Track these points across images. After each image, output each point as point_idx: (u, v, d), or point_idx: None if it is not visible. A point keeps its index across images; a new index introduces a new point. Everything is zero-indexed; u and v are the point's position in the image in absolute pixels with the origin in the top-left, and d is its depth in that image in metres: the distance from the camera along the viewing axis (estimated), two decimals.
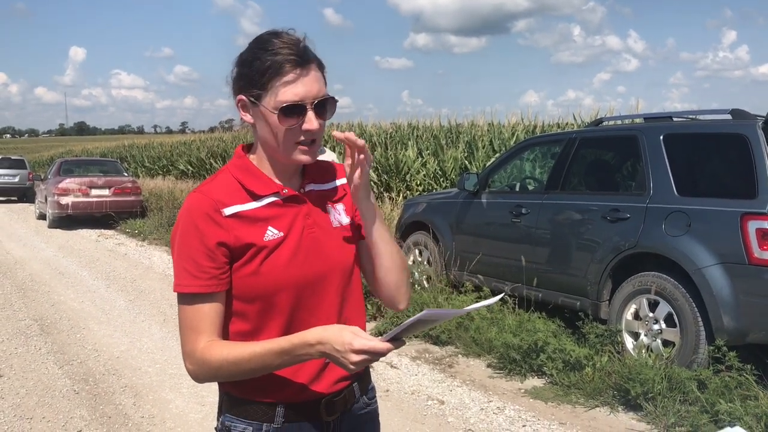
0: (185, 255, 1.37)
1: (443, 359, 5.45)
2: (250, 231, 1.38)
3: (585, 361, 4.68)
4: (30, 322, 6.68)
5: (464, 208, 6.77)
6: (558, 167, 6.05)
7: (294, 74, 1.35)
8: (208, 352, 1.34)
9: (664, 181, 4.92)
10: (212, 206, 1.37)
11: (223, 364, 1.34)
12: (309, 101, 1.36)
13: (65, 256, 11.05)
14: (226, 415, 1.47)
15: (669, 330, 4.72)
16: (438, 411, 4.37)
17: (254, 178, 1.43)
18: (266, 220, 1.40)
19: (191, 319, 1.37)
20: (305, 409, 1.44)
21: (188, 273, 1.36)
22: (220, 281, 1.37)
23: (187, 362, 1.39)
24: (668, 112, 5.75)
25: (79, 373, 5.15)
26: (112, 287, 8.50)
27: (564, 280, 5.60)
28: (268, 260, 1.38)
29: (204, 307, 1.36)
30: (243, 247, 1.37)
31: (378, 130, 17.69)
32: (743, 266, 4.30)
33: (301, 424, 1.45)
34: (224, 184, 1.42)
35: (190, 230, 1.37)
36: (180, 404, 4.47)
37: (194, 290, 1.36)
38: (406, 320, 1.26)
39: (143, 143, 33.89)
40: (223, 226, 1.36)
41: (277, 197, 1.43)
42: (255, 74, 1.37)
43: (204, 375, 1.37)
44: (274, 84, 1.35)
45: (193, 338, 1.36)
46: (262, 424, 1.43)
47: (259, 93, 1.37)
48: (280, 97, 1.35)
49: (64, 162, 17.45)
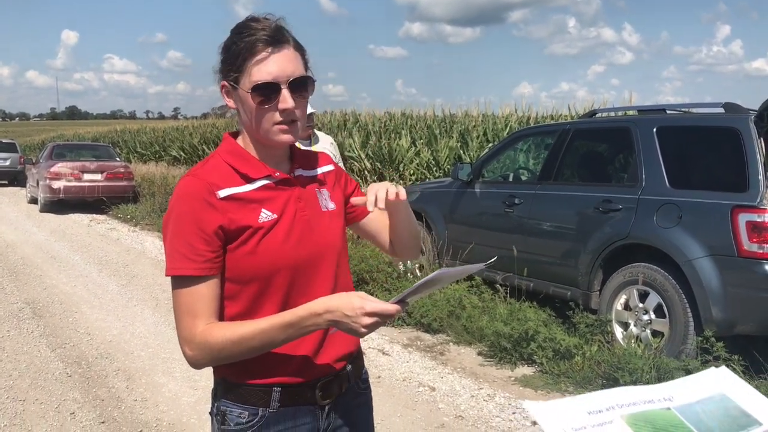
0: (180, 238, 1.35)
1: (435, 347, 5.49)
2: (245, 213, 1.39)
3: (575, 350, 4.73)
4: (22, 305, 6.68)
5: (457, 198, 6.79)
6: (551, 158, 6.08)
7: (266, 53, 1.36)
8: (209, 334, 1.33)
9: (657, 173, 4.95)
10: (207, 189, 1.37)
11: (225, 345, 1.32)
12: (283, 80, 1.37)
13: (57, 240, 11.02)
14: (222, 400, 1.46)
15: (658, 320, 4.77)
16: (429, 398, 4.41)
17: (246, 162, 1.44)
18: (260, 202, 1.41)
19: (188, 303, 1.36)
20: (301, 391, 1.45)
21: (183, 256, 1.35)
22: (214, 264, 1.36)
23: (185, 348, 1.36)
24: (662, 104, 5.78)
25: (71, 356, 5.16)
26: (105, 272, 8.49)
27: (555, 270, 5.64)
28: (263, 241, 1.39)
29: (200, 289, 1.35)
30: (238, 230, 1.37)
31: (372, 118, 17.67)
32: (733, 258, 4.35)
33: (297, 408, 1.45)
34: (217, 168, 1.43)
35: (185, 213, 1.36)
36: (173, 387, 4.49)
37: (189, 273, 1.35)
38: (416, 282, 1.28)
39: (135, 128, 33.70)
40: (219, 208, 1.36)
41: (269, 180, 1.44)
42: (232, 58, 1.39)
43: (205, 358, 1.35)
44: (248, 64, 1.37)
45: (191, 322, 1.35)
46: (258, 408, 1.42)
47: (236, 76, 1.39)
48: (254, 77, 1.36)
49: (57, 146, 17.35)
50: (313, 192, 1.52)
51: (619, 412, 0.90)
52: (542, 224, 5.80)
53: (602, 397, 0.92)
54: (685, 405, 0.92)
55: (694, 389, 0.95)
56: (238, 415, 1.43)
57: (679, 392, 0.94)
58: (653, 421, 0.91)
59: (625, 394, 0.94)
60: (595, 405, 0.91)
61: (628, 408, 0.91)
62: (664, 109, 5.66)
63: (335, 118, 18.90)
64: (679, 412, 0.91)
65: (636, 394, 0.94)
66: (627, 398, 0.92)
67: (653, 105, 5.96)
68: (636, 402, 0.92)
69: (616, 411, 0.90)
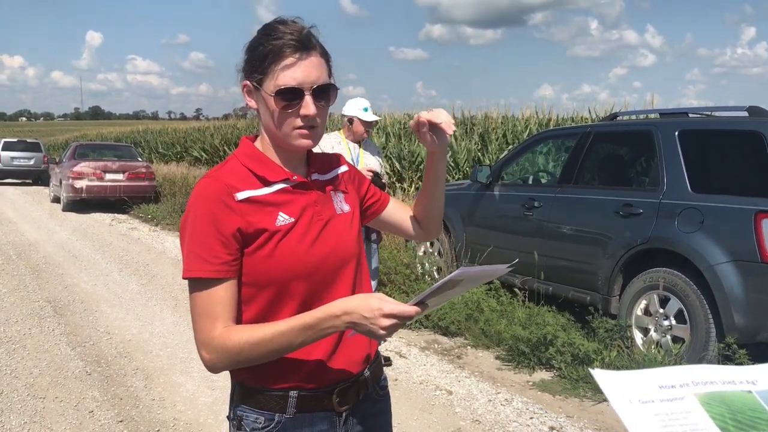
0: (197, 240, 1.35)
1: (452, 350, 5.47)
2: (262, 216, 1.38)
3: (594, 355, 4.68)
4: (43, 304, 6.76)
5: (476, 200, 6.77)
6: (572, 161, 6.03)
7: (293, 58, 1.36)
8: (227, 337, 1.32)
9: (678, 177, 4.89)
10: (225, 191, 1.36)
11: (243, 348, 1.31)
12: (307, 86, 1.37)
13: (79, 240, 11.14)
14: (239, 405, 1.45)
15: (679, 326, 4.71)
16: (446, 401, 4.39)
17: (263, 165, 1.44)
18: (277, 205, 1.40)
19: (205, 305, 1.34)
20: (318, 397, 1.43)
21: (200, 258, 1.34)
22: (231, 267, 1.35)
23: (203, 351, 1.34)
24: (684, 108, 5.71)
25: (91, 354, 5.21)
26: (125, 271, 8.57)
27: (575, 274, 5.60)
28: (281, 244, 1.38)
29: (218, 291, 1.34)
30: (255, 233, 1.37)
31: (392, 120, 17.67)
32: (756, 264, 4.28)
33: (314, 414, 1.43)
34: (235, 170, 1.42)
35: (203, 215, 1.35)
36: (190, 387, 4.52)
37: (206, 275, 1.33)
38: (434, 284, 1.25)
39: (158, 129, 33.99)
40: (237, 211, 1.36)
41: (287, 184, 1.44)
42: (258, 59, 1.38)
43: (222, 362, 1.33)
44: (274, 68, 1.36)
45: (209, 325, 1.33)
46: (275, 414, 1.41)
47: (260, 78, 1.38)
48: (279, 81, 1.36)
49: (79, 146, 17.55)
50: (329, 195, 1.51)
51: (694, 390, 0.85)
52: (562, 228, 5.75)
53: (678, 373, 0.88)
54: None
55: None
56: (254, 420, 1.42)
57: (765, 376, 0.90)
58: (730, 402, 0.86)
59: (705, 372, 0.89)
60: (668, 380, 0.86)
61: (704, 386, 0.86)
62: (687, 112, 5.59)
63: None
64: (760, 396, 0.86)
65: (717, 373, 0.89)
66: (706, 376, 0.88)
67: (675, 108, 5.89)
68: (715, 381, 0.87)
69: (691, 388, 0.85)
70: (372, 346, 1.55)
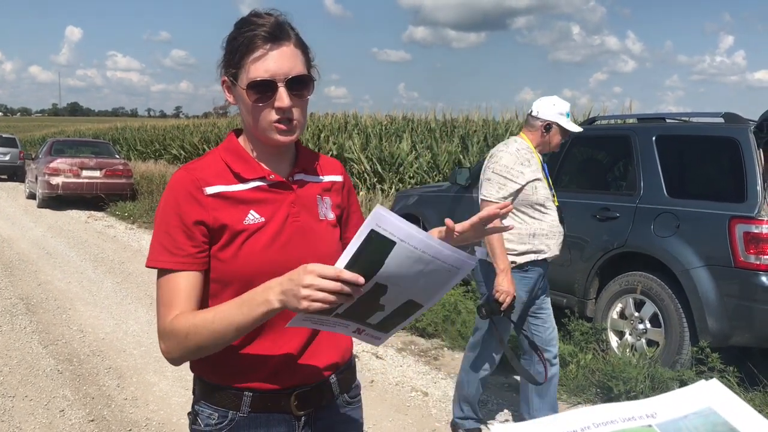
0: (163, 231, 1.35)
1: (428, 351, 5.46)
2: (231, 213, 1.36)
3: (569, 358, 4.70)
4: (16, 301, 6.65)
5: (456, 202, 6.77)
6: (550, 165, 6.04)
7: (263, 50, 1.33)
8: (177, 321, 1.30)
9: (655, 182, 4.93)
10: (194, 184, 1.35)
11: (190, 330, 1.28)
12: (280, 77, 1.33)
13: (54, 237, 10.99)
14: (198, 401, 1.45)
15: (654, 330, 4.75)
16: (421, 402, 4.39)
17: (242, 161, 1.41)
18: (249, 203, 1.38)
19: (166, 295, 1.34)
20: (275, 399, 1.41)
21: (164, 249, 1.34)
22: (196, 260, 1.34)
23: (160, 341, 1.34)
24: (662, 113, 5.76)
25: (63, 353, 5.13)
26: (100, 269, 8.47)
27: (551, 276, 5.58)
28: (246, 244, 1.35)
29: (179, 283, 1.33)
30: (221, 228, 1.35)
31: (373, 121, 17.66)
32: (729, 269, 4.33)
33: (270, 415, 1.41)
34: (211, 164, 1.40)
35: (170, 206, 1.35)
36: (164, 387, 4.47)
37: (168, 266, 1.33)
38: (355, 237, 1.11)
39: (136, 126, 33.70)
40: (203, 204, 1.34)
41: (263, 182, 1.41)
42: (233, 53, 1.36)
43: (175, 349, 1.31)
44: (246, 61, 1.34)
45: (166, 314, 1.33)
46: (228, 411, 1.40)
47: (235, 72, 1.36)
48: (251, 74, 1.33)
49: (56, 142, 17.35)
50: (313, 198, 1.47)
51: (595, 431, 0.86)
52: None
53: (577, 416, 0.88)
54: (669, 421, 0.88)
55: (681, 404, 0.91)
56: (208, 416, 1.41)
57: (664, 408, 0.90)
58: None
59: (604, 412, 0.89)
60: (568, 425, 0.86)
61: (605, 427, 0.86)
62: (664, 117, 5.64)
63: (336, 119, 18.89)
64: (661, 429, 0.87)
65: (616, 411, 0.89)
66: (605, 416, 0.87)
67: (653, 113, 5.94)
68: (615, 420, 0.87)
69: (591, 430, 0.86)
70: (343, 354, 1.51)
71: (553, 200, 3.58)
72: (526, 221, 3.48)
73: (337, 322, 1.25)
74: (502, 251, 3.37)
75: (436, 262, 1.13)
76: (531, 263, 3.50)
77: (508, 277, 3.33)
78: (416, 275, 1.15)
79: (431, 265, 1.14)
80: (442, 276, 1.18)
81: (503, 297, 3.33)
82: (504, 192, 3.43)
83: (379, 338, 1.33)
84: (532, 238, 3.48)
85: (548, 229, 3.51)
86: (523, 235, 3.47)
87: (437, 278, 1.18)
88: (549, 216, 3.52)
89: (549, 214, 3.52)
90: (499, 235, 3.34)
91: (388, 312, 1.24)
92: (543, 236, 3.50)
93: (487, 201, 3.47)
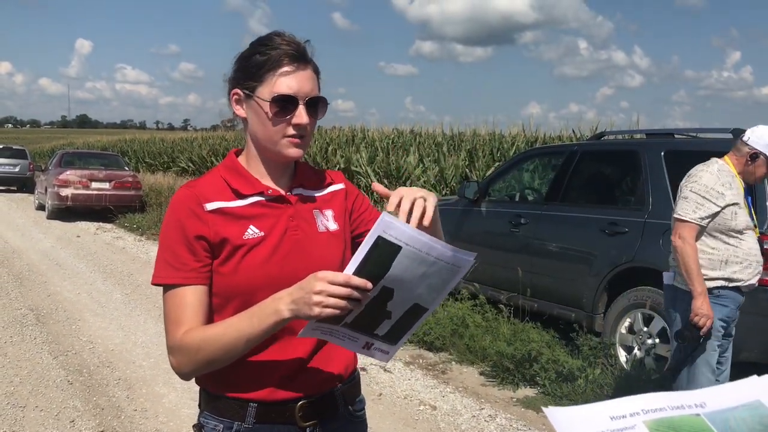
0: (166, 247, 1.39)
1: (437, 365, 5.46)
2: (231, 228, 1.39)
3: (578, 372, 4.70)
4: (26, 312, 6.69)
5: (463, 216, 6.79)
6: (558, 179, 6.08)
7: (291, 68, 1.39)
8: (187, 336, 1.33)
9: (664, 197, 4.94)
10: (195, 200, 1.39)
11: (201, 345, 1.31)
12: (301, 96, 1.40)
13: (63, 248, 11.05)
14: (203, 412, 1.46)
15: (662, 345, 4.74)
16: (430, 416, 4.39)
17: (240, 178, 1.46)
18: (248, 218, 1.41)
19: (173, 311, 1.37)
20: (279, 410, 1.42)
21: (168, 265, 1.37)
22: (200, 274, 1.37)
23: (170, 356, 1.37)
24: (670, 128, 5.78)
25: (73, 364, 5.16)
26: (109, 280, 8.51)
27: (560, 291, 5.63)
28: (246, 258, 1.38)
29: (186, 298, 1.36)
30: (221, 243, 1.38)
31: (380, 135, 17.73)
32: None
33: (274, 426, 1.42)
34: (211, 182, 1.45)
35: (173, 223, 1.39)
36: (173, 399, 4.48)
37: (172, 281, 1.37)
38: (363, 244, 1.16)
39: (145, 138, 33.90)
40: (204, 220, 1.38)
41: (261, 197, 1.45)
42: (253, 67, 1.41)
43: (186, 364, 1.35)
44: (272, 75, 1.39)
45: (175, 330, 1.35)
46: (233, 422, 1.41)
47: (255, 85, 1.41)
48: (275, 88, 1.39)
49: (66, 154, 17.46)
50: (310, 211, 1.50)
51: (644, 418, 0.87)
52: (548, 245, 5.78)
53: (628, 402, 0.90)
54: (717, 411, 0.89)
55: (730, 396, 0.92)
56: (213, 427, 1.43)
57: (713, 398, 0.91)
58: (678, 427, 0.87)
59: (654, 400, 0.90)
60: (619, 410, 0.88)
61: (654, 413, 0.87)
62: (672, 133, 5.66)
63: (343, 133, 18.97)
64: (708, 418, 0.88)
65: (666, 399, 0.90)
66: (655, 403, 0.89)
67: (661, 129, 5.96)
68: (664, 407, 0.88)
69: (641, 416, 0.87)
70: (348, 366, 1.53)
71: (753, 230, 3.41)
72: (718, 247, 3.33)
73: (347, 334, 1.28)
74: (699, 274, 3.22)
75: (439, 263, 1.19)
76: (722, 288, 3.34)
77: (706, 300, 3.19)
78: (421, 277, 1.21)
79: (434, 266, 1.19)
80: (445, 275, 1.23)
81: (702, 321, 3.19)
82: (701, 212, 3.29)
83: (388, 352, 1.36)
84: (725, 264, 3.32)
85: (743, 257, 3.34)
86: (715, 261, 3.32)
87: (440, 278, 1.23)
88: (746, 243, 3.35)
89: (746, 241, 3.36)
90: (695, 258, 3.24)
91: (395, 319, 1.28)
92: (737, 263, 3.33)
93: (681, 220, 3.33)
